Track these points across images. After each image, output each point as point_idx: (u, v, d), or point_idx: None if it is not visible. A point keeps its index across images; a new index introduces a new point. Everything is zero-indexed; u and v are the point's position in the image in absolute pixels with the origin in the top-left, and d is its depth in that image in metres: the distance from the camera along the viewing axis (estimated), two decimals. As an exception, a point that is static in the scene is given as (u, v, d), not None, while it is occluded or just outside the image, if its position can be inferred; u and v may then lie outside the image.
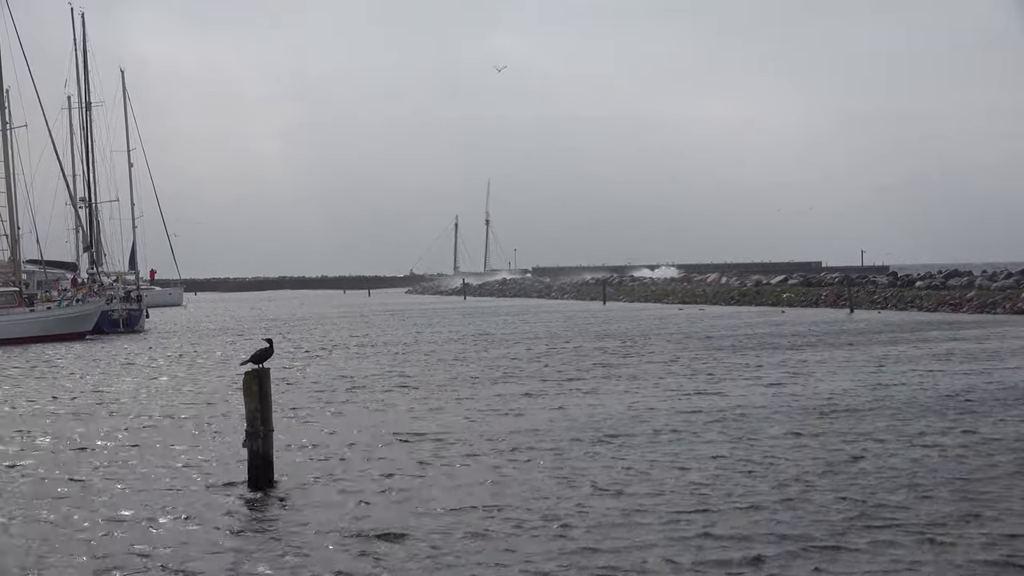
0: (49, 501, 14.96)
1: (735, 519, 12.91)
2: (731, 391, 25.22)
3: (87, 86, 71.97)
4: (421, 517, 13.41)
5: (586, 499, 14.19)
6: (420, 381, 29.30)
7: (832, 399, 23.34)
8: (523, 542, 12.21)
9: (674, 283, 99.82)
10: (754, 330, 48.28)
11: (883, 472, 15.45)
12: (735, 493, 14.27)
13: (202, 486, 15.63)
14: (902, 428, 19.28)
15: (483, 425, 20.89)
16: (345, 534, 12.74)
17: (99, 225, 73.93)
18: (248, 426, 15.04)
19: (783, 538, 12.03)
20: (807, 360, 32.56)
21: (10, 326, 51.38)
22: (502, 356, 37.21)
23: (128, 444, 19.71)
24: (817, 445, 17.74)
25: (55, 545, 12.62)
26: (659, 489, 14.64)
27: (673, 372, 30.05)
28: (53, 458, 18.43)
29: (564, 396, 25.15)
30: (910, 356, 33.00)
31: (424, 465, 16.85)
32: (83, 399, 27.19)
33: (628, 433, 19.40)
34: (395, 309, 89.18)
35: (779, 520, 12.81)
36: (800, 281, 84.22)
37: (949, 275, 71.68)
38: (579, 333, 49.58)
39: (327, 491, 15.11)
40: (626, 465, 16.41)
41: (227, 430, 20.61)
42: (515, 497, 14.38)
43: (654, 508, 13.57)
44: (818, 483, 14.78)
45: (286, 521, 13.51)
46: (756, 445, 17.85)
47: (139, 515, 13.94)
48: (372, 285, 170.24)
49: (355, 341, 47.82)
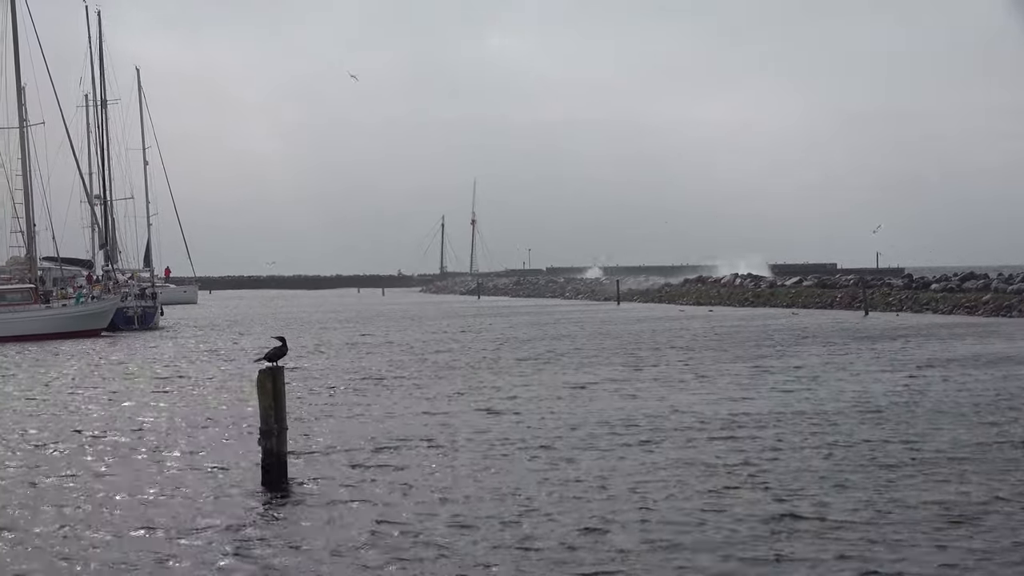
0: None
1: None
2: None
3: (103, 84, 72.39)
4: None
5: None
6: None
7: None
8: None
9: (688, 284, 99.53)
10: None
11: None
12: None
13: (217, 483, 15.71)
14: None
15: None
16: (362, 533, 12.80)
17: (114, 222, 74.24)
18: (262, 424, 15.08)
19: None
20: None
21: (27, 323, 51.60)
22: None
23: (144, 438, 19.82)
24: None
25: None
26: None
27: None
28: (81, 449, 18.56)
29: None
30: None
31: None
32: (98, 393, 27.34)
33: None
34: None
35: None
36: (815, 283, 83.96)
37: (965, 278, 71.34)
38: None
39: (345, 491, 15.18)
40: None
41: (249, 429, 20.70)
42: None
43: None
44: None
45: (299, 518, 13.57)
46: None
47: (149, 513, 14.02)
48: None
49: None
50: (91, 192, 66.63)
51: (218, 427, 21.33)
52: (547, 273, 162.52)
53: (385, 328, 58.36)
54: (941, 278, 74.38)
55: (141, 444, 19.46)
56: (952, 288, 68.30)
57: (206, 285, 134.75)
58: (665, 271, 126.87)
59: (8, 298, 53.31)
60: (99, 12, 72.54)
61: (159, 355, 41.21)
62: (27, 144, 57.23)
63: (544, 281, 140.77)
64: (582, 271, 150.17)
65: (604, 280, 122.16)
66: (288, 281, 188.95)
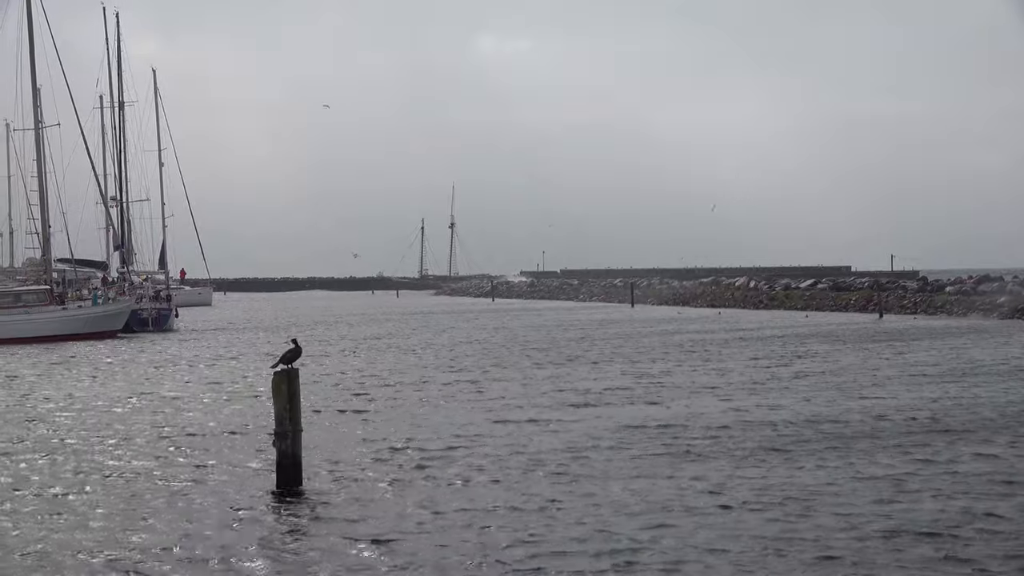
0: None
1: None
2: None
3: (120, 85, 72.51)
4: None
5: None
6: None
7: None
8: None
9: (702, 286, 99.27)
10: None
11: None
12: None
13: (231, 484, 15.77)
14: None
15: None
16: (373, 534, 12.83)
17: (130, 224, 74.35)
18: (277, 426, 15.13)
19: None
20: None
21: (42, 324, 51.80)
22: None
23: (159, 440, 19.89)
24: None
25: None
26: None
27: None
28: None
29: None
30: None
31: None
32: (118, 395, 27.43)
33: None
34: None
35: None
36: (829, 286, 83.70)
37: (979, 280, 71.05)
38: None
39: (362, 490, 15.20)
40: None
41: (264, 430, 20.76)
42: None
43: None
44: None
45: (313, 519, 13.60)
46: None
47: (163, 513, 14.07)
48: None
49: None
50: (106, 194, 66.73)
51: (234, 429, 21.36)
52: (560, 276, 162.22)
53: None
54: (955, 281, 74.12)
55: (155, 446, 19.52)
56: (967, 291, 68.04)
57: (221, 287, 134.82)
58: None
59: (24, 299, 53.55)
60: (117, 14, 72.38)
61: (173, 356, 41.28)
62: (42, 146, 57.54)
63: (559, 283, 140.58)
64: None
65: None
66: (316, 283, 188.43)
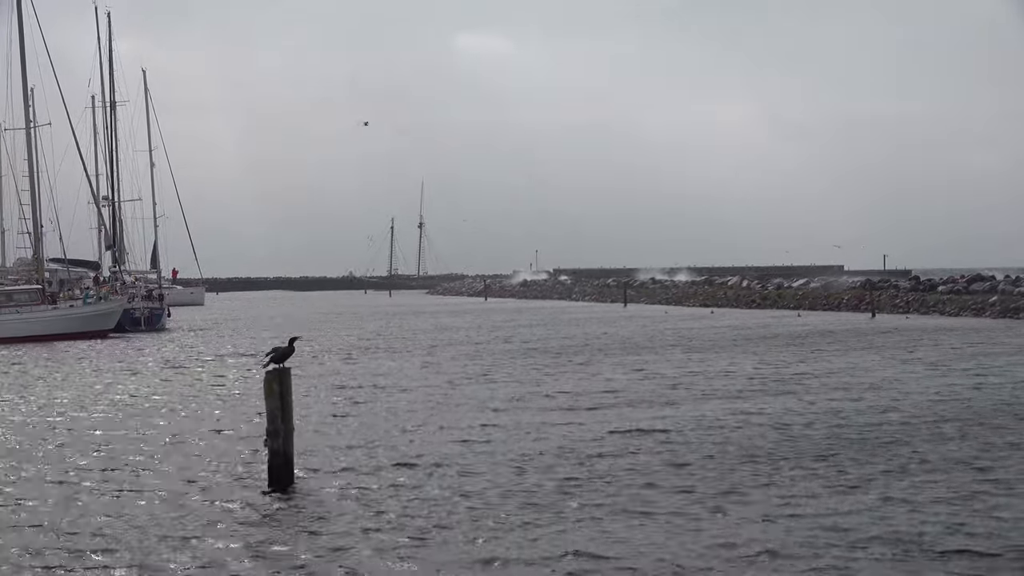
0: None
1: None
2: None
3: (112, 85, 72.43)
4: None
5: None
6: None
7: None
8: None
9: (695, 286, 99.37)
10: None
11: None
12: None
13: (223, 484, 15.76)
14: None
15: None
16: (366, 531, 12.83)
17: (121, 224, 74.24)
18: (268, 425, 15.14)
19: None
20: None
21: (34, 324, 51.70)
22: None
23: (150, 439, 19.86)
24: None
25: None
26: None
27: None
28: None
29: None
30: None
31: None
32: (108, 396, 27.40)
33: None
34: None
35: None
36: (822, 285, 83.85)
37: (972, 280, 71.21)
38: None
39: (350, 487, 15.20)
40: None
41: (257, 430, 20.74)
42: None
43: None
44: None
45: (304, 519, 13.58)
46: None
47: (153, 513, 14.04)
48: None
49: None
50: (98, 193, 66.73)
51: (225, 427, 21.35)
52: (553, 274, 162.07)
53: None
54: (947, 280, 74.29)
55: (146, 445, 19.49)
56: (959, 290, 68.19)
57: (214, 287, 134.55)
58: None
59: (15, 299, 53.44)
60: (108, 14, 72.33)
61: (166, 356, 41.23)
62: (34, 145, 57.44)
63: (551, 282, 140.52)
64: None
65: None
66: (280, 283, 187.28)
